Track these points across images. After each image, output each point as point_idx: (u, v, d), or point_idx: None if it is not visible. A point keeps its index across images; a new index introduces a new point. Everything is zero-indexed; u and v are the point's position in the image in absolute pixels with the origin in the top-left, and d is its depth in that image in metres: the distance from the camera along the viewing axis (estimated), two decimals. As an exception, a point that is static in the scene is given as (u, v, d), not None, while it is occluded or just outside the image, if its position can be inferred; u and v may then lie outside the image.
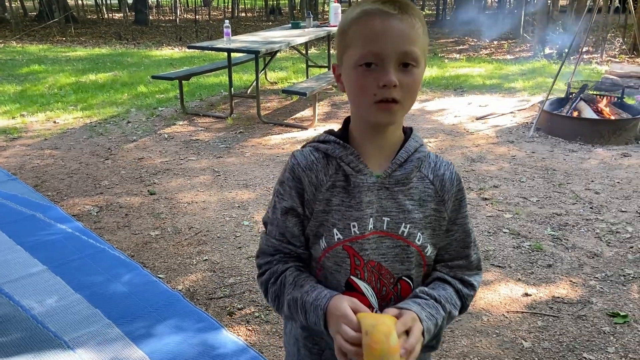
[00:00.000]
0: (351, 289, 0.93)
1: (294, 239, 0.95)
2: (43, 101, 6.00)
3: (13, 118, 5.37)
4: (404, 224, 0.92)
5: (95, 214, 3.31)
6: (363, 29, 0.84)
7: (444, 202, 0.95)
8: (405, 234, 0.92)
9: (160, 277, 2.62)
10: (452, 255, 0.99)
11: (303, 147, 0.98)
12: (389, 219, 0.91)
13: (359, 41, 0.84)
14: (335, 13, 5.65)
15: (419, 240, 0.93)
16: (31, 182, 3.80)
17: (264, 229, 1.01)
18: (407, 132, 0.97)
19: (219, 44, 5.01)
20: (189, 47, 5.12)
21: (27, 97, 6.18)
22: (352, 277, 0.93)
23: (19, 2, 15.43)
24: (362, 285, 0.93)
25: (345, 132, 0.95)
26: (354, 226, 0.90)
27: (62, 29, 12.79)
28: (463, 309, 0.99)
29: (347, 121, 0.96)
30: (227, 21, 5.03)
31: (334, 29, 5.98)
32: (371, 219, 0.91)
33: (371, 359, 0.78)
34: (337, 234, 0.91)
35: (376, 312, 0.93)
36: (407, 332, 0.83)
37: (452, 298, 0.96)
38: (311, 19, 6.08)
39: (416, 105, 5.67)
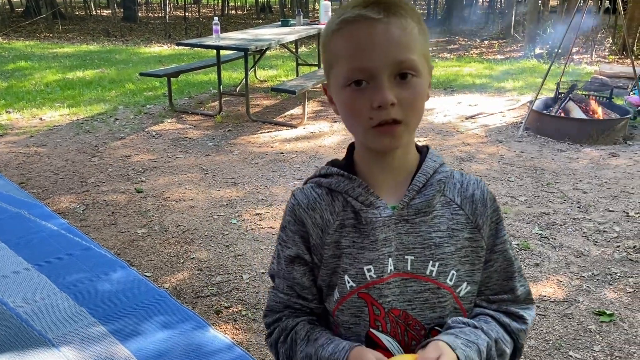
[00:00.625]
0: (372, 345, 0.79)
1: (305, 291, 0.83)
2: (29, 98, 5.93)
3: (-2, 115, 5.31)
4: (431, 262, 0.78)
5: (82, 211, 3.29)
6: (345, 41, 0.72)
7: (479, 228, 0.80)
8: (434, 274, 0.78)
9: (146, 276, 2.61)
10: (494, 290, 0.84)
11: (304, 184, 0.86)
12: (412, 257, 0.77)
13: (342, 57, 0.72)
14: (326, 11, 5.66)
15: (451, 279, 0.78)
16: (16, 179, 3.76)
17: (271, 283, 0.90)
18: (423, 151, 0.83)
19: (208, 41, 5.00)
20: (178, 44, 5.10)
21: (13, 93, 6.11)
22: (371, 329, 0.79)
23: (5, -3, 15.24)
24: (385, 339, 0.79)
25: (350, 161, 0.83)
26: (369, 270, 0.77)
27: (50, 25, 12.66)
28: (517, 349, 0.83)
29: (351, 148, 0.84)
30: (216, 18, 5.02)
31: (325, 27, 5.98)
32: (390, 259, 0.77)
33: None
34: (349, 282, 0.78)
35: None
36: None
37: (498, 331, 0.80)
38: (301, 16, 6.08)
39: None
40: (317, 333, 0.81)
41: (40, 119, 5.21)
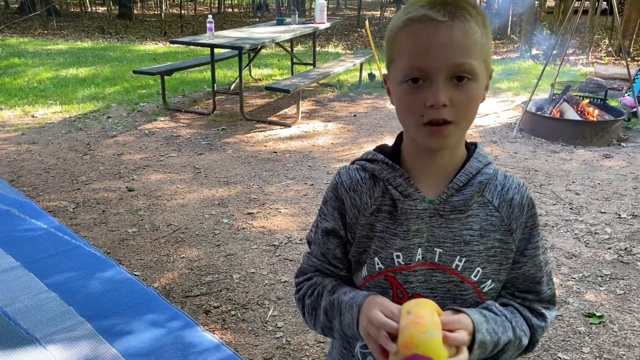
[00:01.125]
0: None
1: (336, 260, 0.89)
2: (21, 95, 5.91)
3: (-11, 111, 5.28)
4: (458, 257, 0.81)
5: (72, 210, 3.27)
6: (408, 39, 0.75)
7: (512, 231, 0.82)
8: (459, 269, 0.81)
9: (136, 275, 2.60)
10: (519, 289, 0.87)
11: (352, 163, 0.90)
12: (441, 251, 0.81)
13: (404, 54, 0.75)
14: (321, 10, 5.66)
15: (475, 275, 0.81)
16: (7, 177, 3.74)
17: (307, 249, 0.95)
18: (471, 149, 0.85)
19: (202, 39, 4.99)
20: (171, 42, 5.08)
21: (5, 90, 6.08)
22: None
23: (-1, -7, 15.17)
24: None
25: (397, 150, 0.86)
26: (397, 256, 0.82)
27: (44, 22, 12.61)
28: (531, 344, 0.86)
29: (400, 137, 0.87)
30: (210, 16, 5.01)
31: (320, 26, 5.98)
32: (420, 249, 0.81)
33: (415, 338, 0.70)
34: (378, 263, 0.83)
35: None
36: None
37: (522, 324, 0.84)
38: (297, 15, 6.08)
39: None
40: (343, 287, 0.87)
41: (33, 116, 5.19)
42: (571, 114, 4.66)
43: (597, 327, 2.25)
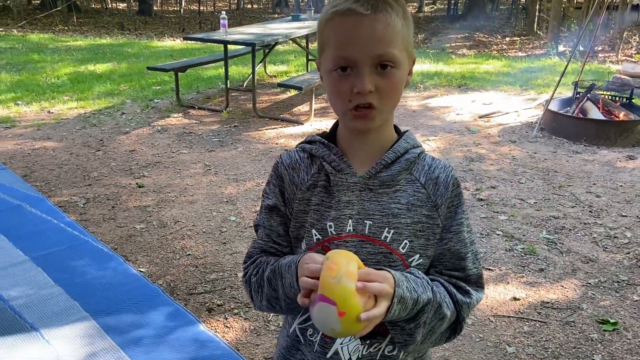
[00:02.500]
0: None
1: (280, 238, 0.94)
2: (39, 91, 6.06)
3: (7, 107, 5.43)
4: (387, 229, 0.87)
5: (82, 205, 3.35)
6: (334, 31, 0.82)
7: (437, 207, 0.90)
8: (388, 240, 0.87)
9: (141, 271, 2.64)
10: (446, 267, 0.92)
11: (295, 147, 0.99)
12: (371, 223, 0.87)
13: (331, 44, 0.83)
14: (337, 5, 5.63)
15: (403, 247, 0.88)
16: (20, 172, 3.84)
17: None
18: (402, 134, 0.94)
19: (216, 35, 5.03)
20: (185, 39, 5.15)
21: (23, 86, 6.25)
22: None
23: (22, -11, 15.57)
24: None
25: (333, 134, 0.95)
26: (330, 226, 0.88)
27: (65, 18, 12.90)
28: (458, 322, 0.90)
29: (336, 124, 0.96)
30: (223, 12, 5.05)
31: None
32: (350, 220, 0.87)
33: (326, 283, 0.73)
34: (315, 234, 0.89)
35: None
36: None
37: (445, 296, 0.88)
38: (312, 11, 6.08)
39: (417, 102, 5.66)
40: (285, 257, 0.91)
41: (49, 111, 5.32)
42: (595, 114, 4.55)
43: (610, 334, 2.20)
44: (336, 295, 0.73)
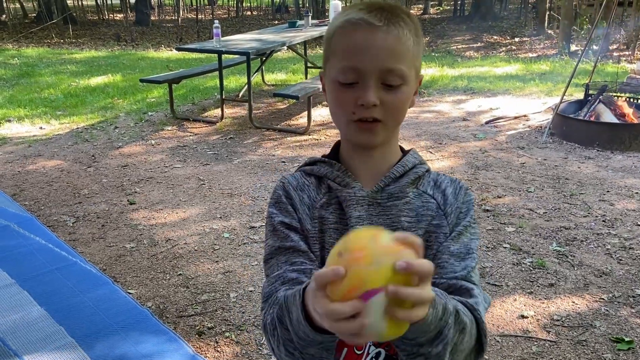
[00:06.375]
0: None
1: (303, 256, 0.84)
2: (32, 106, 6.12)
3: (-2, 124, 5.49)
4: None
5: (72, 224, 3.35)
6: (345, 40, 0.82)
7: (447, 215, 0.89)
8: None
9: (130, 293, 2.63)
10: (446, 271, 0.85)
11: (295, 172, 0.97)
12: None
13: (340, 53, 0.83)
14: (336, 11, 5.66)
15: None
16: (10, 190, 3.86)
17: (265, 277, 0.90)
18: (406, 151, 0.94)
19: (209, 45, 5.06)
20: (178, 49, 5.19)
21: (15, 102, 6.32)
22: None
23: (18, 3, 15.84)
24: None
25: (336, 154, 0.94)
26: None
27: (61, 31, 13.07)
28: (480, 331, 0.79)
29: (337, 144, 0.95)
30: (216, 21, 5.07)
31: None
32: None
33: (364, 276, 0.57)
34: None
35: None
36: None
37: (457, 303, 0.77)
38: (309, 17, 6.11)
39: (421, 108, 5.64)
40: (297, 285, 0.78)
41: (40, 127, 5.36)
42: (608, 117, 4.50)
43: (625, 353, 2.14)
44: (383, 277, 0.57)
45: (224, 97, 5.32)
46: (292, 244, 0.86)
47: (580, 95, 5.06)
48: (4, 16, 14.60)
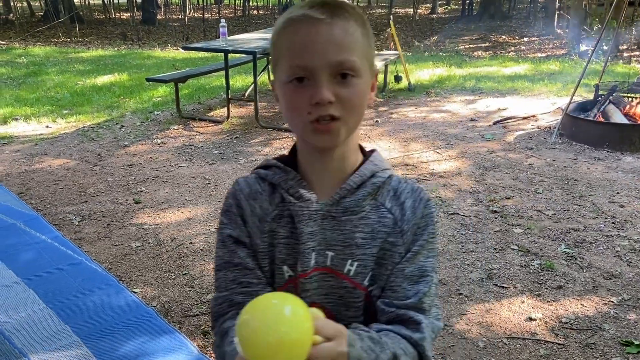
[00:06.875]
0: None
1: (249, 275, 0.84)
2: (38, 105, 6.16)
3: (5, 123, 5.53)
4: (350, 261, 0.82)
5: (77, 223, 3.37)
6: (289, 39, 0.79)
7: (403, 233, 0.84)
8: (351, 273, 0.83)
9: (135, 292, 2.64)
10: (397, 295, 0.84)
11: (251, 173, 0.93)
12: (333, 254, 0.83)
13: (286, 53, 0.79)
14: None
15: (367, 281, 0.83)
16: (16, 189, 3.89)
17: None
18: (368, 155, 0.89)
19: (215, 44, 5.07)
20: (184, 48, 5.19)
21: (22, 100, 6.36)
22: None
23: (25, 2, 15.96)
24: None
25: (293, 158, 0.89)
26: (300, 262, 0.83)
27: (68, 30, 13.16)
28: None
29: (295, 145, 0.91)
30: (223, 20, 5.09)
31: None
32: (313, 253, 0.82)
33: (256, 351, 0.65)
34: (287, 271, 0.84)
35: None
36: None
37: (400, 343, 0.80)
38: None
39: (428, 108, 5.62)
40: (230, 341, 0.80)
41: (47, 126, 5.40)
42: (618, 117, 4.47)
43: (634, 357, 2.12)
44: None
45: (230, 96, 5.33)
46: (240, 261, 0.85)
47: (590, 95, 5.03)
48: (11, 15, 14.72)
